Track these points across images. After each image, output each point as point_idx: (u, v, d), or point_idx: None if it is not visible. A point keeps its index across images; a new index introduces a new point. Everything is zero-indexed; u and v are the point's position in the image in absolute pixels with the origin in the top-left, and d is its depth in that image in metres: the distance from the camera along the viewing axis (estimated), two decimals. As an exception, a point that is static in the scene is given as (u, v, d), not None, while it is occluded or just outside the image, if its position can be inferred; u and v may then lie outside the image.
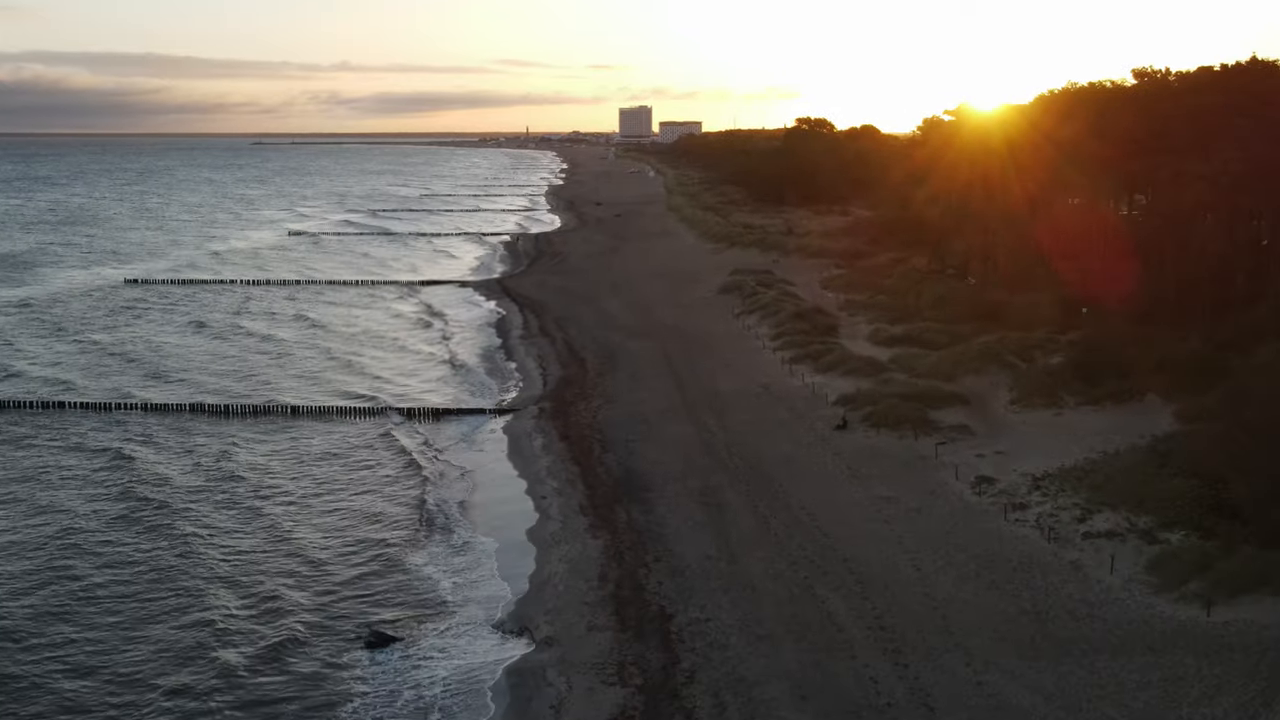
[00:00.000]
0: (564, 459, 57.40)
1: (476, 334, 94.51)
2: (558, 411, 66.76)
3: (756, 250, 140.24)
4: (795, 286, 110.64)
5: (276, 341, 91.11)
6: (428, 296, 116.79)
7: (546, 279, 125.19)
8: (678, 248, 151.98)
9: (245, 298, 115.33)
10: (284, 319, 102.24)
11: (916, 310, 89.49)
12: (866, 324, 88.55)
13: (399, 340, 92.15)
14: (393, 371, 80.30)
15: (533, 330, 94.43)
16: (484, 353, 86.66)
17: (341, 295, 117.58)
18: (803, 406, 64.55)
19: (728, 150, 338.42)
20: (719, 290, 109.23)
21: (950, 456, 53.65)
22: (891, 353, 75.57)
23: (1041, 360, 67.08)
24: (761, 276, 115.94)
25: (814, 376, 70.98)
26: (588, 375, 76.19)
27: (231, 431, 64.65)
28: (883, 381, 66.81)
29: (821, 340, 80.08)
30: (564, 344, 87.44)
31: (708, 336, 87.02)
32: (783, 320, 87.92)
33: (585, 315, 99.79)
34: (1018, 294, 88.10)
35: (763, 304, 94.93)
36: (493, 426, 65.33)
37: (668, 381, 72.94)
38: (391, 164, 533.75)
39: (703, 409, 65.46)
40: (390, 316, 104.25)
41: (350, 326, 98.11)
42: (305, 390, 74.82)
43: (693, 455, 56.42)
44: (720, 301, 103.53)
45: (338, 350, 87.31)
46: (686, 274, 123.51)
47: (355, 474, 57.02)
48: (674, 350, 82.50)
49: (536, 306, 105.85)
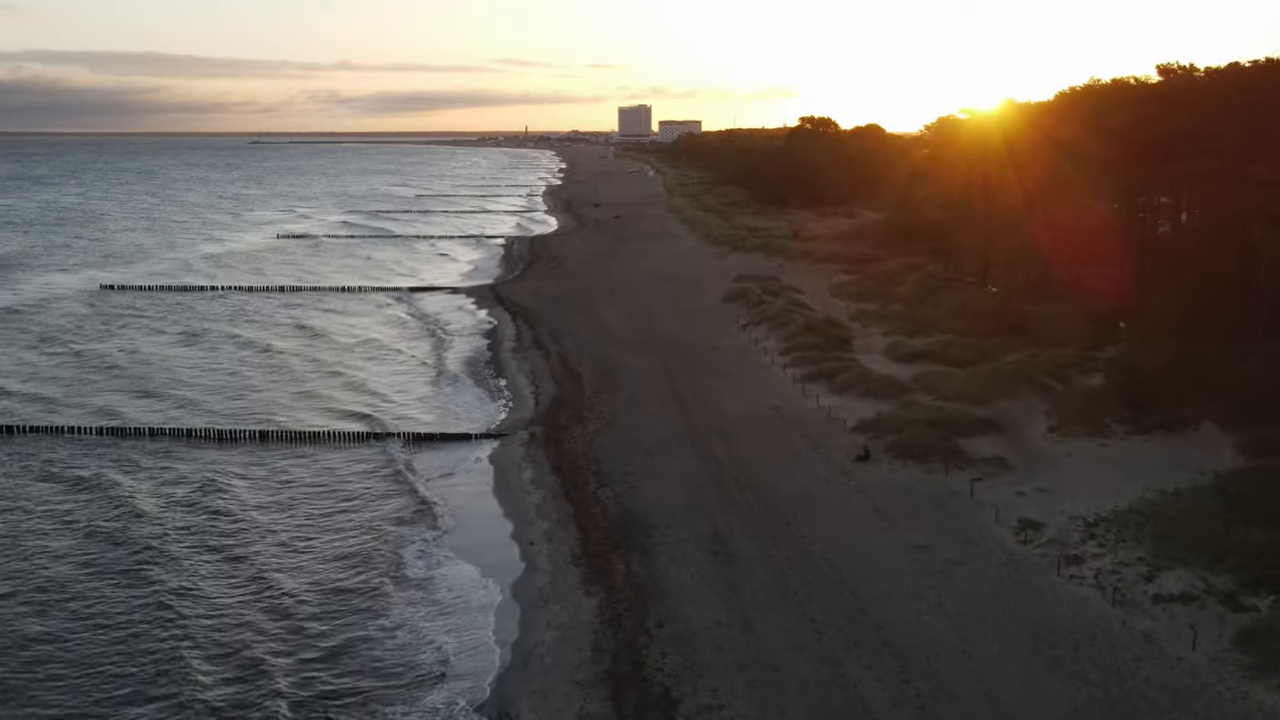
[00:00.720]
0: (555, 495, 51.62)
1: (466, 346, 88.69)
2: (550, 437, 60.98)
3: (761, 254, 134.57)
4: (803, 294, 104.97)
5: (251, 354, 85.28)
6: (418, 304, 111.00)
7: (542, 285, 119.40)
8: (679, 251, 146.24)
9: (225, 305, 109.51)
10: (263, 328, 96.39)
11: (934, 322, 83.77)
12: (882, 337, 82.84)
13: (383, 353, 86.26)
14: (374, 390, 74.42)
15: (525, 342, 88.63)
16: (473, 368, 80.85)
17: (326, 302, 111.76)
18: (818, 433, 58.78)
19: (728, 150, 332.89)
20: (723, 298, 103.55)
21: (987, 494, 47.91)
22: (912, 370, 69.81)
23: (1079, 382, 61.32)
24: (767, 283, 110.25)
25: (829, 398, 65.21)
26: (583, 394, 70.43)
27: (196, 456, 58.87)
28: (905, 405, 61.06)
29: (835, 356, 74.33)
30: (558, 358, 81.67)
31: (712, 350, 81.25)
32: (792, 333, 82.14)
33: (581, 326, 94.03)
34: (1043, 304, 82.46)
35: (770, 314, 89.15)
36: (478, 455, 59.50)
37: (670, 402, 67.18)
38: (388, 163, 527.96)
39: (709, 435, 59.70)
40: (376, 326, 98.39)
41: (332, 337, 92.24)
42: (278, 409, 69.00)
43: (699, 491, 50.68)
44: (725, 311, 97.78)
45: (316, 365, 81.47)
46: (688, 280, 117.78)
47: (325, 514, 51.16)
48: (676, 366, 76.75)
49: (530, 316, 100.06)
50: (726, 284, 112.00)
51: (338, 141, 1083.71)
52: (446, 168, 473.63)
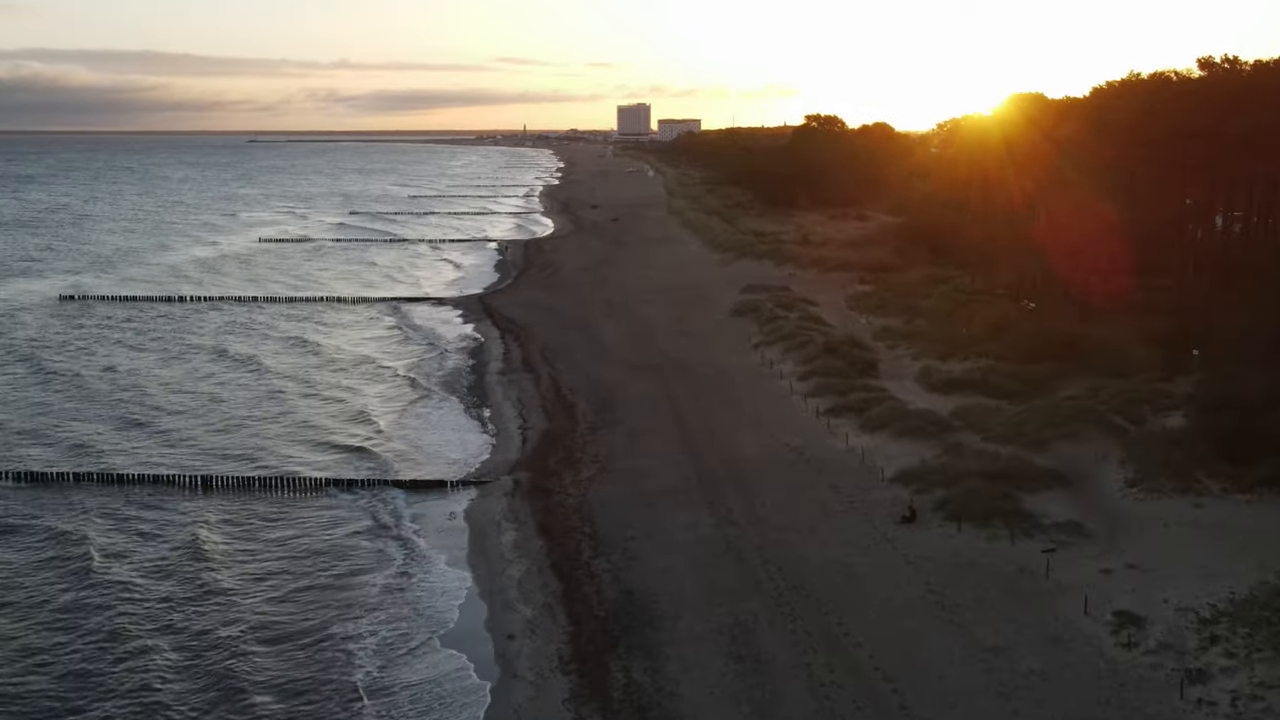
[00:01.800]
0: (542, 567, 42.99)
1: (448, 368, 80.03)
2: (537, 486, 52.36)
3: (770, 262, 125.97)
4: (817, 306, 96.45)
5: (204, 379, 76.60)
6: (401, 316, 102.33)
7: (535, 296, 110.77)
8: (681, 257, 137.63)
9: (197, 317, 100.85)
10: (223, 347, 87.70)
11: (968, 342, 75.12)
12: (911, 359, 74.25)
13: (356, 377, 77.51)
14: (342, 424, 65.73)
15: (514, 363, 79.98)
16: (454, 394, 72.18)
17: (302, 314, 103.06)
18: (851, 483, 50.18)
19: (729, 149, 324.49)
20: (731, 312, 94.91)
21: (1066, 571, 39.32)
22: (951, 403, 61.18)
23: (1155, 422, 52.67)
24: (778, 295, 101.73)
25: (859, 436, 56.60)
26: (577, 429, 61.81)
27: (133, 502, 50.30)
28: (951, 448, 52.44)
29: (862, 384, 65.73)
30: (550, 383, 73.06)
31: (722, 375, 72.62)
32: (811, 355, 73.54)
33: (576, 344, 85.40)
34: (1091, 323, 73.88)
35: (785, 333, 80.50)
36: (454, 509, 50.82)
37: (675, 439, 58.58)
38: (384, 162, 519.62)
39: (722, 484, 51.12)
40: (353, 342, 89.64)
41: (300, 358, 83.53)
42: (226, 446, 60.39)
43: (714, 563, 42.09)
44: (733, 327, 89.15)
45: (278, 393, 72.78)
46: (693, 290, 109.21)
47: (263, 594, 42.59)
48: (682, 394, 68.15)
49: (521, 332, 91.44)
50: (734, 295, 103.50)
51: (335, 140, 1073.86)
52: (442, 167, 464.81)
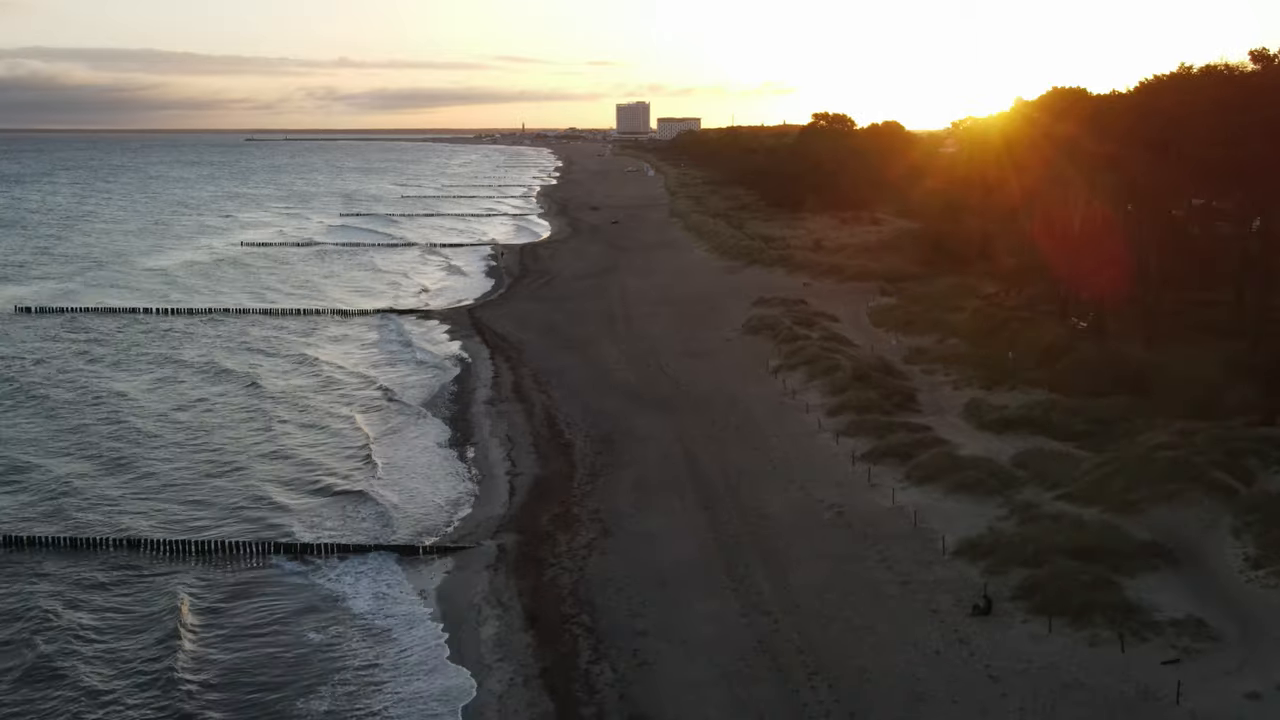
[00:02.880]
0: (528, 677, 34.22)
1: (429, 396, 71.34)
2: (526, 555, 43.73)
3: (781, 270, 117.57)
4: (838, 322, 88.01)
5: (139, 410, 67.78)
6: (380, 332, 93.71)
7: (529, 309, 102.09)
8: (686, 264, 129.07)
9: (148, 333, 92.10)
10: (177, 367, 79.00)
11: (1016, 368, 66.54)
12: (953, 389, 65.66)
13: (317, 407, 68.69)
14: (294, 467, 56.98)
15: (504, 390, 71.29)
16: (434, 429, 63.51)
17: (273, 330, 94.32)
18: (905, 555, 41.55)
19: (730, 148, 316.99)
20: (744, 328, 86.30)
21: (1200, 695, 30.64)
22: (1010, 446, 52.50)
23: (1268, 479, 44.01)
24: (794, 308, 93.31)
25: (907, 490, 47.98)
26: (574, 476, 53.16)
27: (31, 572, 41.66)
28: (1020, 509, 43.78)
29: (902, 421, 57.11)
30: (544, 415, 64.39)
31: (739, 408, 63.92)
32: (840, 383, 64.86)
33: (573, 367, 76.74)
34: (1159, 346, 65.37)
35: (808, 356, 71.79)
36: (425, 585, 42.14)
37: (690, 493, 49.94)
38: (380, 162, 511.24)
39: (749, 554, 42.49)
40: (323, 364, 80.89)
41: (265, 381, 74.69)
42: (157, 501, 51.72)
43: (746, 674, 33.41)
44: (748, 346, 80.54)
45: (231, 429, 63.98)
46: (700, 303, 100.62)
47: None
48: (694, 431, 59.50)
49: (513, 351, 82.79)
50: (746, 308, 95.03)
51: (333, 139, 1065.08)
52: (438, 167, 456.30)
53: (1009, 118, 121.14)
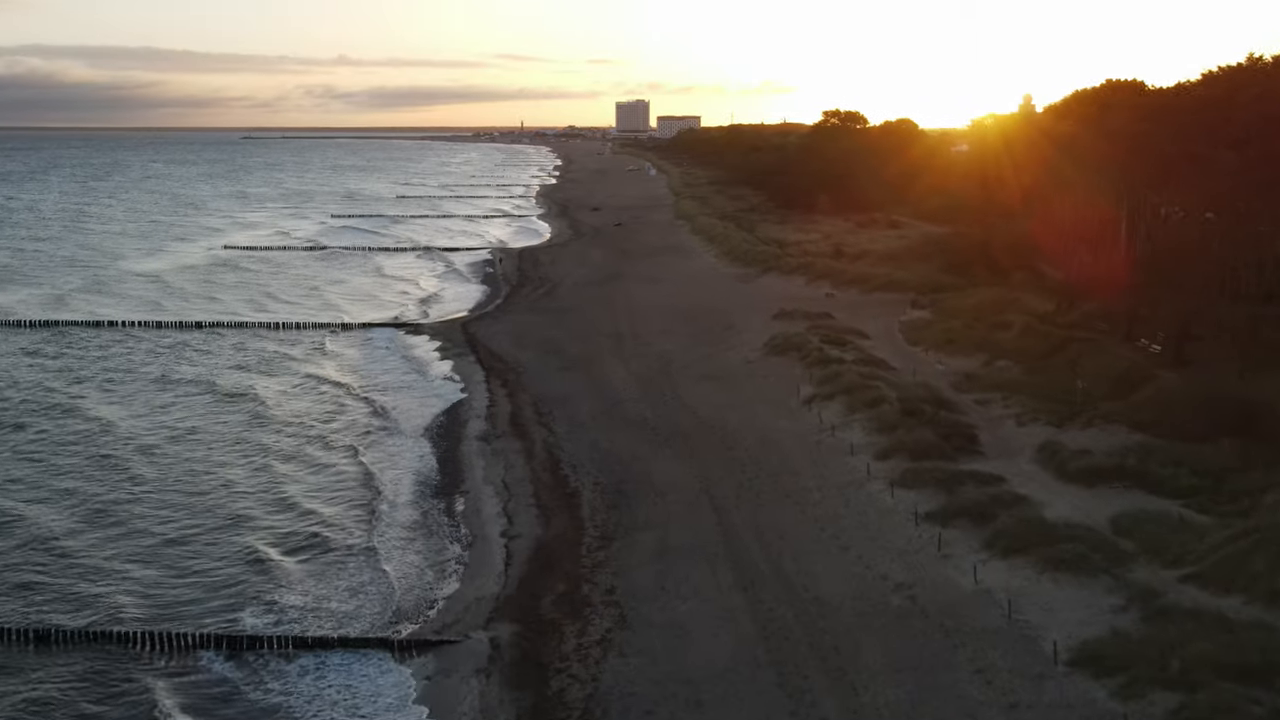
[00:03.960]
0: None
1: (414, 429, 62.62)
2: (527, 655, 35.01)
3: (800, 278, 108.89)
4: (869, 340, 79.41)
5: (70, 452, 59.00)
6: (362, 349, 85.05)
7: (529, 322, 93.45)
8: (695, 271, 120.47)
9: (104, 352, 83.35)
10: (128, 394, 70.16)
11: (1086, 399, 57.89)
12: (1016, 423, 56.88)
13: (281, 448, 59.68)
14: (245, 532, 48.26)
15: (501, 422, 62.59)
16: (418, 475, 54.72)
17: (241, 348, 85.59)
18: (1003, 663, 32.86)
19: (733, 147, 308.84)
20: (766, 347, 77.54)
21: None
22: (1104, 504, 43.75)
23: None
24: (819, 323, 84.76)
25: (991, 564, 39.28)
26: (583, 539, 44.52)
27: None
28: (1141, 598, 35.01)
29: (969, 470, 48.41)
30: (546, 457, 55.73)
31: (771, 449, 55.21)
32: (887, 419, 56.13)
33: (578, 394, 68.07)
34: (1257, 378, 56.73)
35: (846, 384, 63.02)
36: (400, 693, 33.52)
37: (724, 565, 41.28)
38: (376, 160, 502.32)
39: (804, 660, 33.79)
40: (293, 391, 72.18)
41: (220, 420, 65.76)
42: (67, 590, 43.04)
43: None
44: (773, 369, 71.86)
45: (167, 486, 54.89)
46: (715, 316, 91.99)
47: None
48: (722, 479, 50.86)
49: (511, 374, 74.15)
50: (766, 322, 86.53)
51: (331, 137, 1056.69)
52: (435, 166, 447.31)
53: (1053, 113, 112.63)
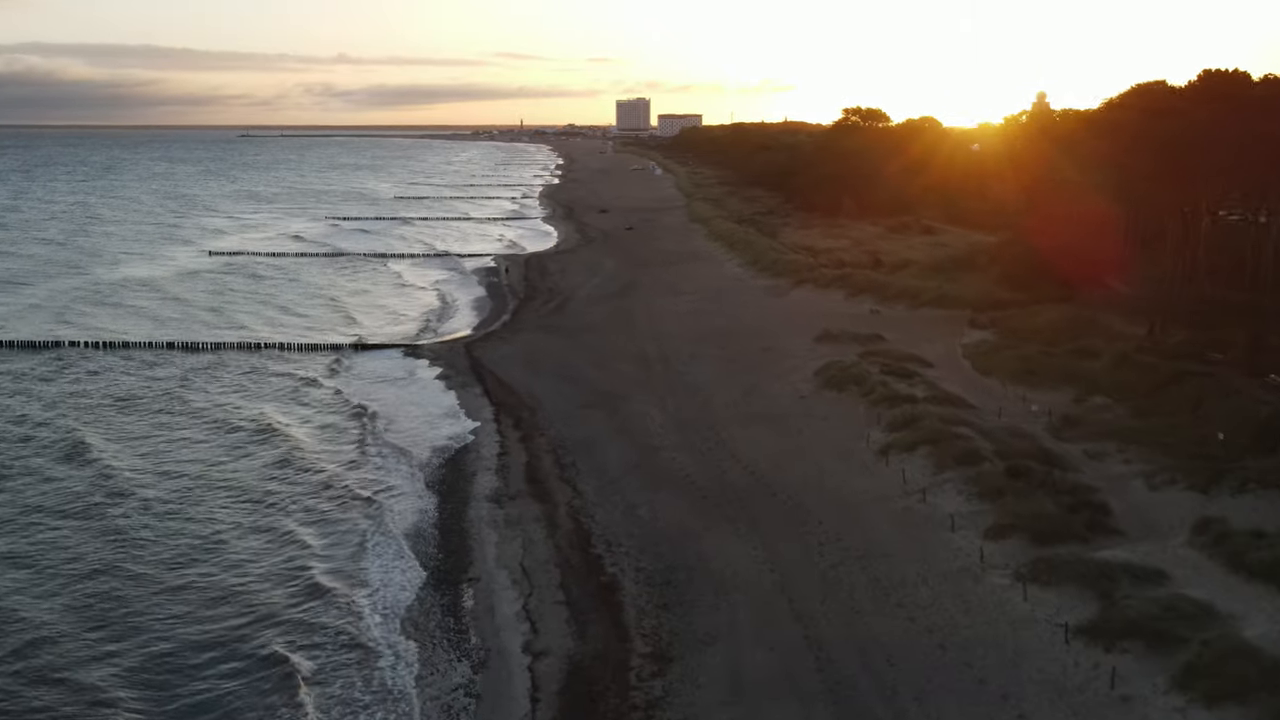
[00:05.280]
0: None
1: (412, 482, 52.27)
2: None
3: (839, 291, 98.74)
4: (933, 368, 69.15)
5: (48, 509, 48.87)
6: (350, 377, 74.57)
7: (541, 344, 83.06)
8: (720, 282, 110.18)
9: (56, 379, 72.99)
10: (66, 448, 59.70)
11: (1231, 452, 47.56)
12: (1146, 486, 46.44)
13: (243, 521, 49.23)
14: (190, 650, 38.05)
15: (515, 478, 52.15)
16: (412, 552, 44.28)
17: (214, 374, 75.10)
18: None
19: (739, 146, 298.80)
20: (819, 377, 67.05)
21: None
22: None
23: None
24: (872, 347, 74.85)
25: (1193, 718, 29.04)
26: (630, 661, 34.17)
27: None
28: None
29: (1115, 557, 38.04)
30: (572, 529, 45.33)
31: (849, 518, 44.80)
32: (989, 482, 45.72)
33: (605, 438, 57.72)
34: None
35: (926, 432, 52.44)
36: None
37: (821, 705, 30.96)
38: (375, 159, 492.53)
39: None
40: (261, 435, 61.65)
41: (177, 469, 55.31)
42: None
43: None
44: (831, 407, 61.43)
45: (101, 567, 44.68)
46: (750, 336, 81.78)
47: None
48: (796, 563, 40.50)
49: (524, 410, 63.73)
50: (809, 345, 76.58)
51: (329, 135, 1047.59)
52: (434, 164, 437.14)
53: (1111, 108, 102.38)
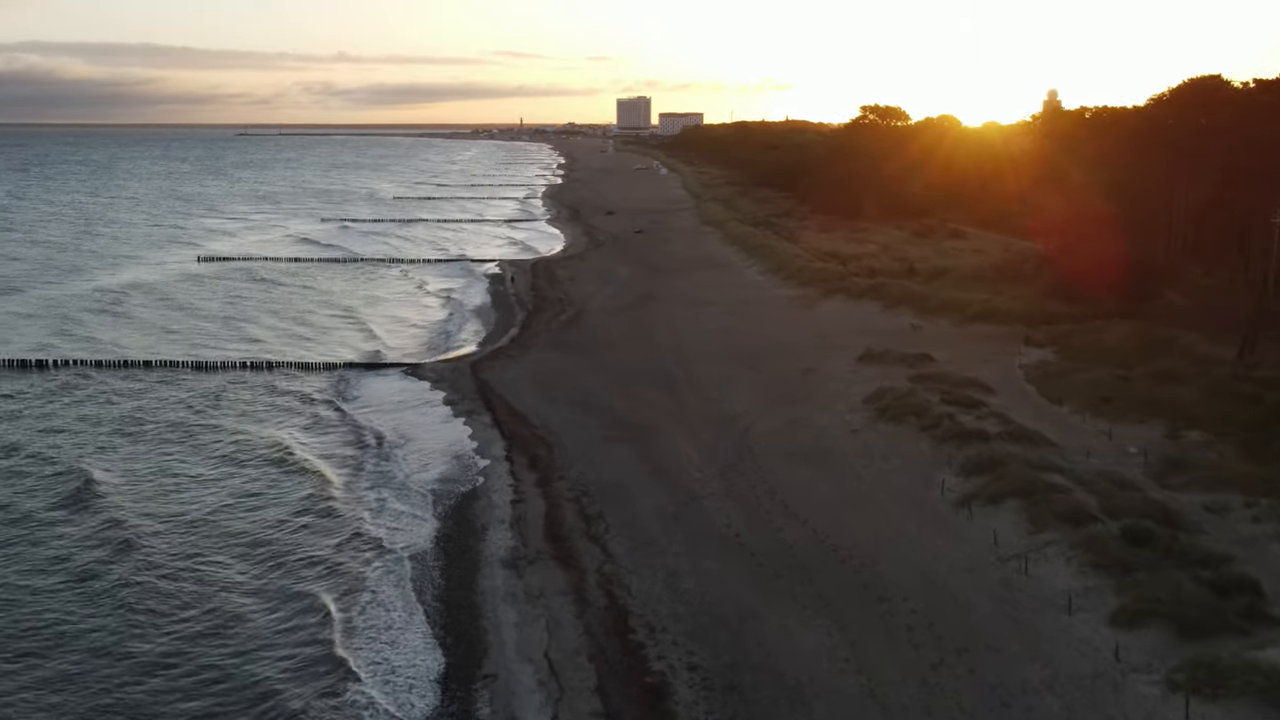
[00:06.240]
0: None
1: (410, 538, 44.79)
2: None
3: (874, 303, 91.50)
4: (994, 395, 61.73)
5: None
6: (342, 404, 66.90)
7: (553, 363, 75.55)
8: (743, 292, 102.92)
9: (43, 400, 65.57)
10: (61, 488, 52.33)
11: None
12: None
13: (217, 602, 41.78)
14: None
15: (533, 534, 44.62)
16: (411, 636, 36.79)
17: (194, 398, 67.63)
18: None
19: (744, 145, 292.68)
20: (870, 407, 59.46)
21: None
22: None
23: None
24: (923, 369, 67.70)
25: None
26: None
27: None
28: None
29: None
30: (607, 607, 37.73)
31: (938, 594, 37.30)
32: (1105, 550, 38.19)
33: (635, 481, 50.16)
34: None
35: (1015, 482, 44.67)
36: None
37: None
38: (373, 158, 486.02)
39: None
40: (231, 482, 54.23)
41: (143, 524, 47.97)
42: None
43: None
44: (889, 441, 53.87)
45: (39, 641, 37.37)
46: (784, 354, 74.48)
47: None
48: (885, 664, 33.00)
49: (541, 447, 56.13)
50: (853, 366, 69.46)
51: (328, 134, 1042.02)
52: (434, 163, 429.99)
53: (1160, 105, 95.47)
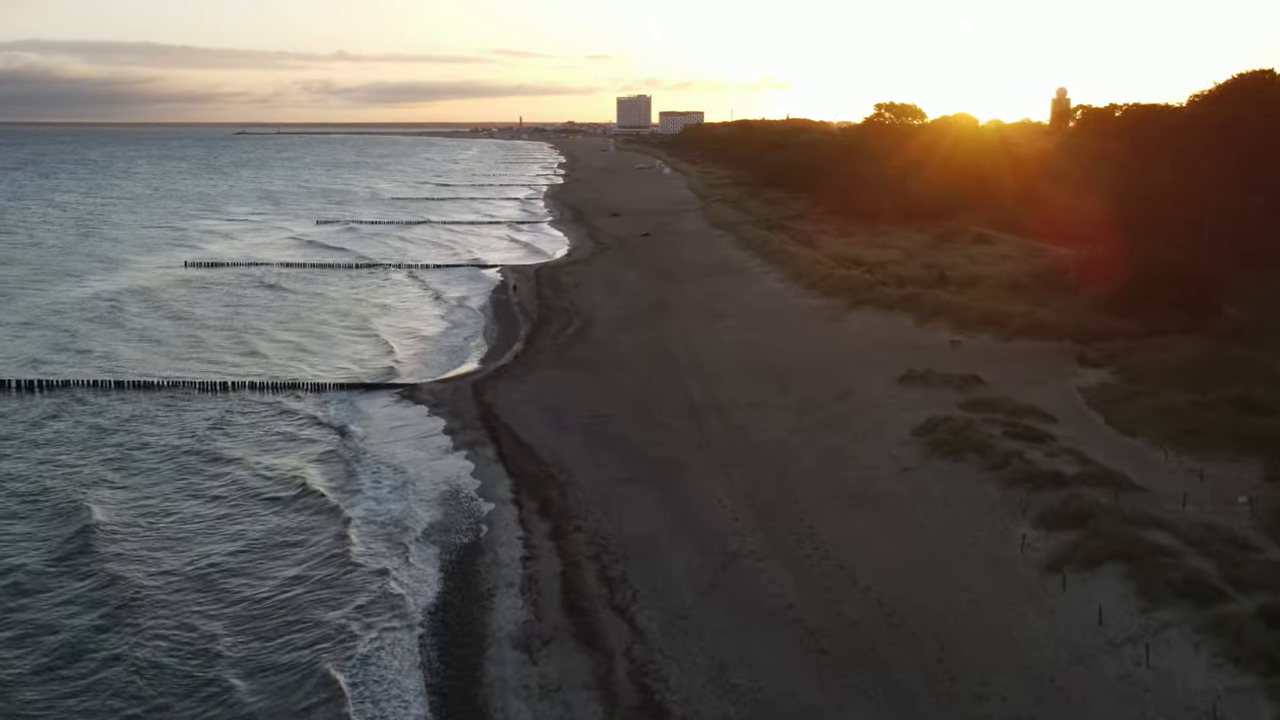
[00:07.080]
0: None
1: (406, 607, 38.20)
2: None
3: (906, 315, 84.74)
4: (1058, 424, 55.13)
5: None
6: (329, 433, 60.26)
7: (563, 386, 68.86)
8: (763, 301, 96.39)
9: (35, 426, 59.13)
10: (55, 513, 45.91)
11: None
12: None
13: (188, 679, 35.37)
14: None
15: (549, 603, 38.02)
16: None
17: (173, 420, 61.00)
18: None
19: (747, 143, 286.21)
20: (920, 441, 52.91)
21: None
22: None
23: None
24: (973, 394, 61.49)
25: None
26: None
27: None
28: None
29: None
30: (637, 702, 31.25)
31: (1037, 686, 30.73)
32: (1239, 635, 31.66)
33: (664, 535, 43.58)
34: None
35: (1113, 541, 38.23)
36: None
37: None
38: (373, 156, 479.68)
39: None
40: (219, 512, 47.63)
41: (108, 579, 41.46)
42: None
43: None
44: (947, 482, 47.27)
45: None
46: (818, 376, 67.82)
47: None
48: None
49: (553, 488, 49.52)
50: (893, 389, 63.12)
51: (326, 133, 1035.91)
52: (434, 162, 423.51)
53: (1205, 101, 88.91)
